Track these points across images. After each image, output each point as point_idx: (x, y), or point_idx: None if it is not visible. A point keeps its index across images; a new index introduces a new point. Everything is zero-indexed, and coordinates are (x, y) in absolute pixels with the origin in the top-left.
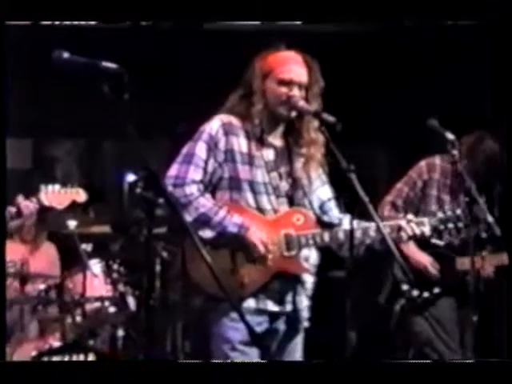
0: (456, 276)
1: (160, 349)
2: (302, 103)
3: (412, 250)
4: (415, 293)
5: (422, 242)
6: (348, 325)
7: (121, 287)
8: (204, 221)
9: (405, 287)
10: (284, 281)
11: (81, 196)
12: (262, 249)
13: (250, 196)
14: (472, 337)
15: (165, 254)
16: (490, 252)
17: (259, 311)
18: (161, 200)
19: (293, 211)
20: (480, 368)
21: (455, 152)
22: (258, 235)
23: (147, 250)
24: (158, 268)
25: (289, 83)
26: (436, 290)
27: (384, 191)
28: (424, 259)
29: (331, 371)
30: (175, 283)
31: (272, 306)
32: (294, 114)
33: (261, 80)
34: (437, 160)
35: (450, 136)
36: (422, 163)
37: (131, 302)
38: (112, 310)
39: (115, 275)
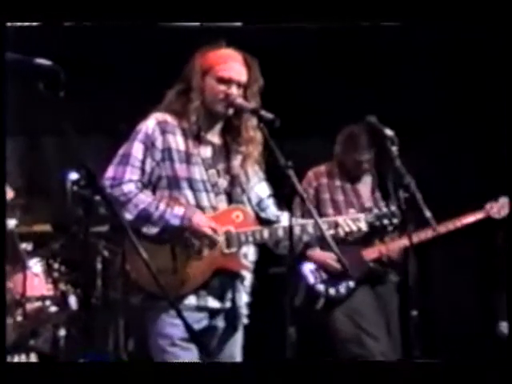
0: (364, 266)
1: (102, 347)
2: (239, 101)
3: (315, 252)
4: (332, 291)
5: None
6: (287, 321)
7: (62, 286)
8: (145, 217)
9: (321, 287)
10: (224, 278)
11: (8, 193)
12: (209, 231)
13: (189, 194)
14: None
15: (106, 253)
16: (391, 238)
17: (199, 308)
18: (98, 198)
19: (232, 208)
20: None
21: (394, 148)
22: (202, 220)
23: (86, 249)
24: (99, 266)
25: (228, 81)
26: (351, 284)
27: None
28: (326, 257)
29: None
30: (116, 281)
31: (212, 303)
32: (231, 111)
33: (200, 77)
34: (322, 167)
35: (388, 132)
36: (309, 173)
37: (72, 300)
38: (53, 309)
39: (56, 274)
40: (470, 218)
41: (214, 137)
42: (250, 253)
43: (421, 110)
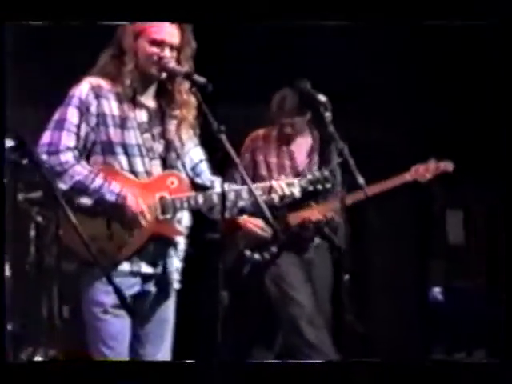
0: (290, 231)
1: (36, 315)
2: (172, 64)
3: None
4: (256, 256)
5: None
6: (220, 285)
7: None
8: (80, 189)
9: (247, 253)
10: (158, 244)
11: None
12: (140, 218)
13: (123, 159)
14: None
15: (39, 219)
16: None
17: (132, 273)
18: (25, 162)
19: (167, 174)
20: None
21: (328, 114)
22: (135, 204)
23: (17, 215)
24: (32, 233)
25: (160, 43)
26: (273, 249)
27: None
28: (253, 223)
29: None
30: (50, 248)
31: (145, 269)
32: (164, 74)
33: (132, 39)
34: (260, 131)
35: (321, 98)
36: (247, 139)
37: (6, 268)
38: None
39: None
40: (396, 180)
41: (149, 100)
42: (184, 218)
43: (352, 75)
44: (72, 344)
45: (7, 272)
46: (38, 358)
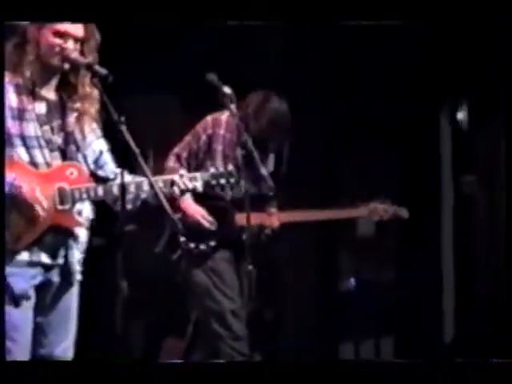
0: (232, 230)
1: None
2: (74, 55)
3: (187, 203)
4: (192, 245)
5: (203, 195)
6: (119, 275)
7: None
8: None
9: (182, 239)
10: (57, 234)
11: None
12: (36, 207)
13: (22, 150)
14: (249, 287)
15: None
16: (277, 208)
17: (32, 263)
18: None
19: (66, 165)
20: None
21: (233, 106)
22: (31, 193)
23: None
24: None
25: (63, 35)
26: (212, 243)
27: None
28: (197, 212)
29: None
30: None
31: (45, 259)
32: (66, 66)
33: (36, 29)
34: (223, 116)
35: (227, 90)
36: (208, 118)
37: None
38: None
39: None
40: (352, 213)
41: (50, 93)
42: (85, 210)
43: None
44: None
45: None
46: None
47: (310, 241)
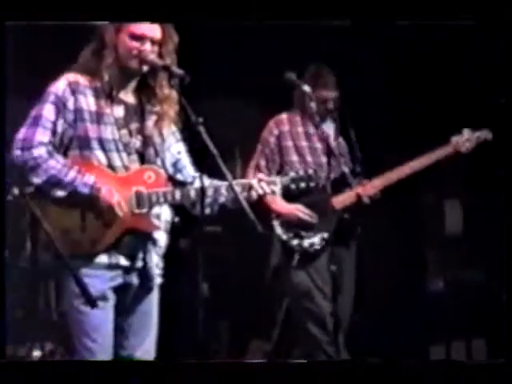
0: (334, 215)
1: (34, 309)
2: (152, 57)
3: (277, 201)
4: (306, 244)
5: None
6: (200, 277)
7: None
8: (54, 182)
9: (295, 242)
10: (135, 238)
11: None
12: (114, 210)
13: (100, 154)
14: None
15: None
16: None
17: (111, 266)
18: None
19: (144, 169)
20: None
21: (313, 105)
22: (110, 195)
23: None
24: (27, 226)
25: (141, 37)
26: (324, 235)
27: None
28: (294, 208)
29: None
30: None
31: (123, 261)
32: (145, 68)
33: (113, 33)
34: (283, 115)
35: (306, 88)
36: (270, 122)
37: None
38: None
39: None
40: (438, 154)
41: (128, 96)
42: (163, 213)
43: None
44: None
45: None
46: (35, 354)
47: (396, 240)
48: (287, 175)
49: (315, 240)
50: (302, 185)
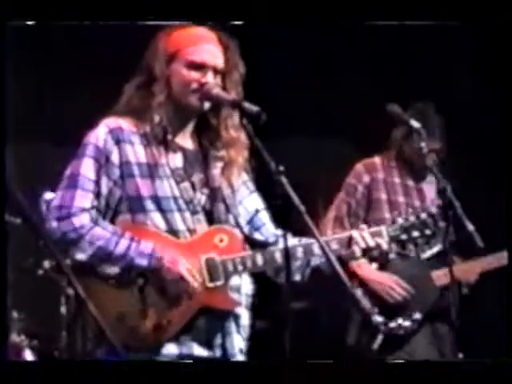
0: (435, 294)
1: None
2: (217, 91)
3: (368, 270)
4: (393, 324)
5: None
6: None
7: (14, 337)
8: (103, 256)
9: (378, 319)
10: (210, 319)
11: None
12: (187, 279)
13: (157, 216)
14: None
15: (70, 291)
16: (467, 258)
17: (182, 357)
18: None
19: (214, 230)
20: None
21: (423, 144)
22: (176, 264)
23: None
24: (63, 309)
25: (201, 67)
26: (417, 316)
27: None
28: (386, 278)
29: None
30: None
31: (198, 351)
32: (207, 105)
33: (164, 63)
34: (375, 159)
35: (415, 124)
36: (358, 165)
37: (28, 355)
38: None
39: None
40: None
41: (186, 140)
42: (244, 284)
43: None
44: None
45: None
46: None
47: None
48: (395, 223)
49: (406, 323)
50: (415, 234)
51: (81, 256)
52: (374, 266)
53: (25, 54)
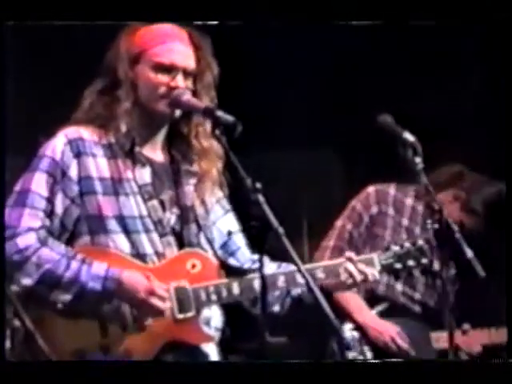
0: (430, 355)
1: None
2: (187, 97)
3: (369, 317)
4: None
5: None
6: None
7: None
8: (52, 281)
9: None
10: (178, 354)
11: None
12: (146, 316)
13: (121, 238)
14: None
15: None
16: (475, 326)
17: None
18: None
19: (185, 254)
20: None
21: (418, 160)
22: (136, 283)
23: None
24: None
25: (169, 69)
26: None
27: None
28: (388, 328)
29: None
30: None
31: None
32: (178, 113)
33: (128, 65)
34: (391, 189)
35: (409, 137)
36: (371, 189)
37: None
38: None
39: None
40: None
41: (155, 152)
42: (214, 317)
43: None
44: None
45: None
46: None
47: None
48: (388, 249)
49: None
50: (411, 262)
51: (27, 281)
52: (375, 311)
53: (24, 54)
